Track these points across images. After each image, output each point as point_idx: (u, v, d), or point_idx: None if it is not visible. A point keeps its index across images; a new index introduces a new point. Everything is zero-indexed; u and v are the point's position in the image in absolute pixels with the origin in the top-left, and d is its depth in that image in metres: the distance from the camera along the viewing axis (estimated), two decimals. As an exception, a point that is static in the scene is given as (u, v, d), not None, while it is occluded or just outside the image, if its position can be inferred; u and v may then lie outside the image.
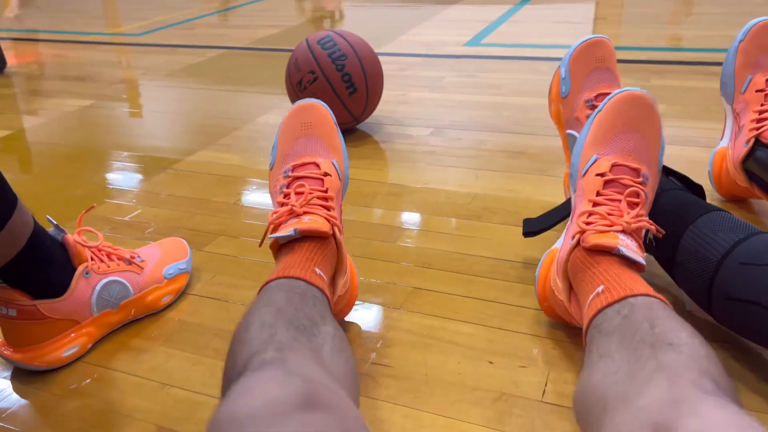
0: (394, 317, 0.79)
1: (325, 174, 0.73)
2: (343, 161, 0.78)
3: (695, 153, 1.19)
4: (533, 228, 0.85)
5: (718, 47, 1.92)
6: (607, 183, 0.69)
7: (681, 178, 0.83)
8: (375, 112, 1.46)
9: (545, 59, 1.95)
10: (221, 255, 0.96)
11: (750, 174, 0.91)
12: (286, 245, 0.68)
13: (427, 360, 0.72)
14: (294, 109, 0.79)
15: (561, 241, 0.74)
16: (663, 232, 0.70)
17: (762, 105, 0.92)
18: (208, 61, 2.20)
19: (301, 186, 0.71)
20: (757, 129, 0.90)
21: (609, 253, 0.63)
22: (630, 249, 0.63)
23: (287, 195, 0.72)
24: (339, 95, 1.30)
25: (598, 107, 0.74)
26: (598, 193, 0.69)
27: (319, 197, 0.71)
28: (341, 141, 0.80)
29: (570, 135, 0.90)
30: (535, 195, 1.08)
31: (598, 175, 0.70)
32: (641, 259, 0.63)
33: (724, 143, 0.99)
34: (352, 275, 0.76)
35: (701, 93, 1.53)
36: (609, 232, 0.65)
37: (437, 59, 2.04)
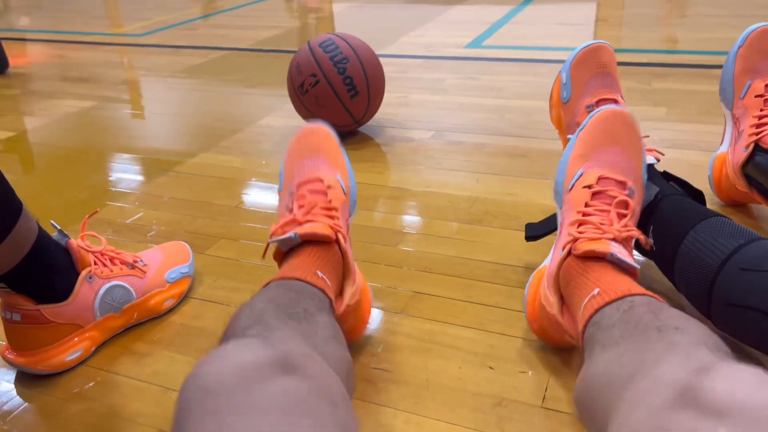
0: (395, 322, 0.80)
1: (329, 187, 0.73)
2: (348, 178, 0.78)
3: (696, 157, 1.19)
4: (536, 232, 0.86)
5: (719, 50, 1.93)
6: (595, 195, 0.69)
7: (681, 183, 0.84)
8: (376, 114, 1.46)
9: (546, 61, 1.95)
10: (223, 258, 0.96)
11: (750, 179, 0.92)
12: (288, 253, 0.68)
13: (428, 365, 0.72)
14: (298, 134, 0.80)
15: (549, 259, 0.73)
16: (651, 243, 0.70)
17: (761, 110, 0.92)
18: (209, 62, 2.20)
19: (303, 197, 0.72)
20: (757, 134, 0.91)
21: (602, 260, 0.63)
22: (623, 254, 0.63)
23: (291, 209, 0.72)
24: (340, 98, 1.31)
25: (581, 125, 0.75)
26: (586, 204, 0.69)
27: (322, 207, 0.71)
28: (345, 159, 0.80)
29: (571, 140, 0.90)
30: (536, 199, 1.09)
31: (585, 187, 0.70)
32: (635, 264, 0.63)
33: (723, 148, 0.99)
34: (364, 291, 0.74)
35: (702, 96, 1.53)
36: (600, 239, 0.64)
37: (438, 61, 2.04)
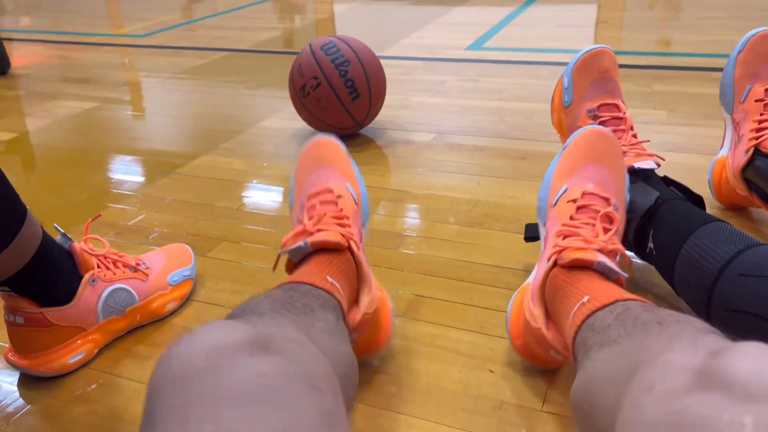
0: (396, 325, 0.80)
1: (339, 197, 0.72)
2: (359, 187, 0.77)
3: (696, 160, 1.20)
4: (535, 233, 0.86)
5: (719, 52, 1.93)
6: (580, 209, 0.69)
7: (681, 188, 0.84)
8: (378, 116, 1.47)
9: (547, 64, 1.96)
10: (225, 261, 0.97)
11: (749, 183, 0.92)
12: (299, 263, 0.67)
13: (429, 368, 0.72)
14: (307, 147, 0.80)
15: (532, 276, 0.73)
16: (632, 263, 0.69)
17: (761, 115, 0.92)
18: (210, 64, 2.20)
19: (313, 208, 0.71)
20: (757, 138, 0.91)
21: (589, 269, 0.62)
22: (610, 263, 0.62)
23: (301, 221, 0.70)
24: (342, 100, 1.31)
25: (564, 144, 0.75)
26: (571, 218, 0.68)
27: (333, 216, 0.70)
28: (355, 169, 0.79)
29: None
30: (537, 202, 1.09)
31: (570, 201, 0.69)
32: (623, 273, 0.62)
33: (723, 152, 1.00)
34: (383, 301, 0.71)
35: (703, 99, 1.54)
36: (587, 249, 0.63)
37: (439, 63, 2.04)
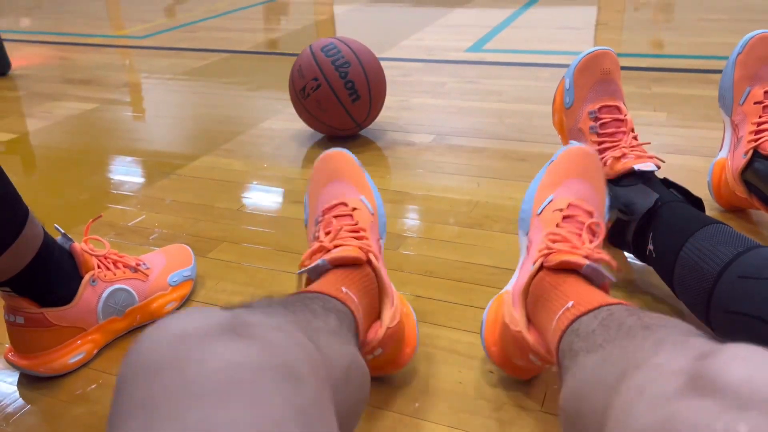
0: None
1: (354, 209, 0.72)
2: (374, 199, 0.77)
3: (696, 162, 1.20)
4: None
5: (719, 54, 1.93)
6: (566, 218, 0.68)
7: (681, 190, 0.84)
8: (378, 118, 1.47)
9: (547, 65, 1.96)
10: (225, 262, 0.97)
11: (749, 185, 0.92)
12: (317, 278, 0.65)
13: (429, 369, 0.72)
14: (318, 162, 0.79)
15: (510, 285, 0.72)
16: (617, 271, 0.70)
17: (760, 117, 0.93)
18: (211, 65, 2.21)
19: (329, 223, 0.70)
20: (756, 141, 0.91)
21: (575, 273, 0.61)
22: (598, 266, 0.61)
23: (318, 237, 0.70)
24: (342, 102, 1.31)
25: (552, 157, 0.76)
26: (558, 226, 0.68)
27: (349, 230, 0.69)
28: (369, 181, 0.79)
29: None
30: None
31: (556, 210, 0.69)
32: (611, 276, 0.61)
33: (723, 154, 1.00)
34: (406, 315, 0.70)
35: (703, 101, 1.54)
36: (575, 253, 0.62)
37: (439, 65, 2.05)
